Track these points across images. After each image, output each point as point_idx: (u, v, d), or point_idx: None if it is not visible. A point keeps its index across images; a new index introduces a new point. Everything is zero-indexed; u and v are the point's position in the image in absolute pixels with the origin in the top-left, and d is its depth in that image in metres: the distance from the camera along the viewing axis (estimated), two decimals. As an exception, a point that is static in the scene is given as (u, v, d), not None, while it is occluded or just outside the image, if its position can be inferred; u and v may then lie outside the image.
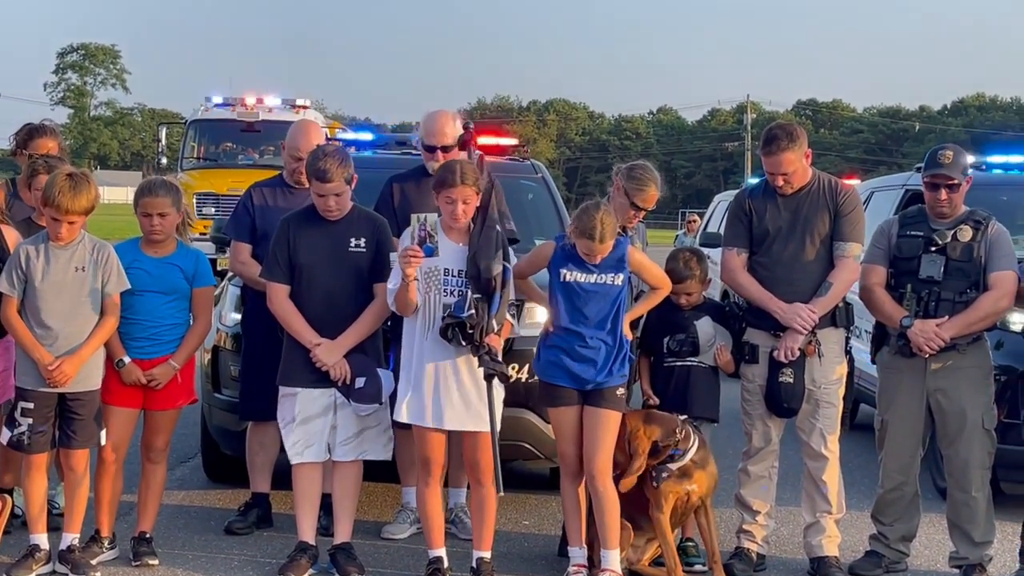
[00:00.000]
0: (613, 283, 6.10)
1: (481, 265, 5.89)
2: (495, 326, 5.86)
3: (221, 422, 7.71)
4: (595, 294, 6.08)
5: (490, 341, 5.84)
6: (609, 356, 6.08)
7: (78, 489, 6.28)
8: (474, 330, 5.80)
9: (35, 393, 6.11)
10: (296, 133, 7.34)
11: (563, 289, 6.11)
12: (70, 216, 6.07)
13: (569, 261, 6.11)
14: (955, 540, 6.66)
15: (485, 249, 5.92)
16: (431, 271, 5.93)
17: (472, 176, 5.97)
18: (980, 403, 6.54)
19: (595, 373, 6.07)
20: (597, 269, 6.08)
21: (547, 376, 6.19)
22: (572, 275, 6.09)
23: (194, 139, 23.72)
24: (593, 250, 6.01)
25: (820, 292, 6.45)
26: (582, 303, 6.08)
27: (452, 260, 5.95)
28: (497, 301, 5.89)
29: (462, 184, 5.93)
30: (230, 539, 7.00)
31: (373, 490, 7.84)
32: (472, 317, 5.80)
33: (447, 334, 5.84)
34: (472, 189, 5.96)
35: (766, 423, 6.63)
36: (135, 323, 6.32)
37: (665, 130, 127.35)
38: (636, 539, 6.42)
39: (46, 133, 7.61)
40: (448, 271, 5.95)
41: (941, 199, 6.53)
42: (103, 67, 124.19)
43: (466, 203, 5.96)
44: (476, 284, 5.89)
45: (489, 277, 5.88)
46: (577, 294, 6.09)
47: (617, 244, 6.12)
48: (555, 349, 6.13)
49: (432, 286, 5.95)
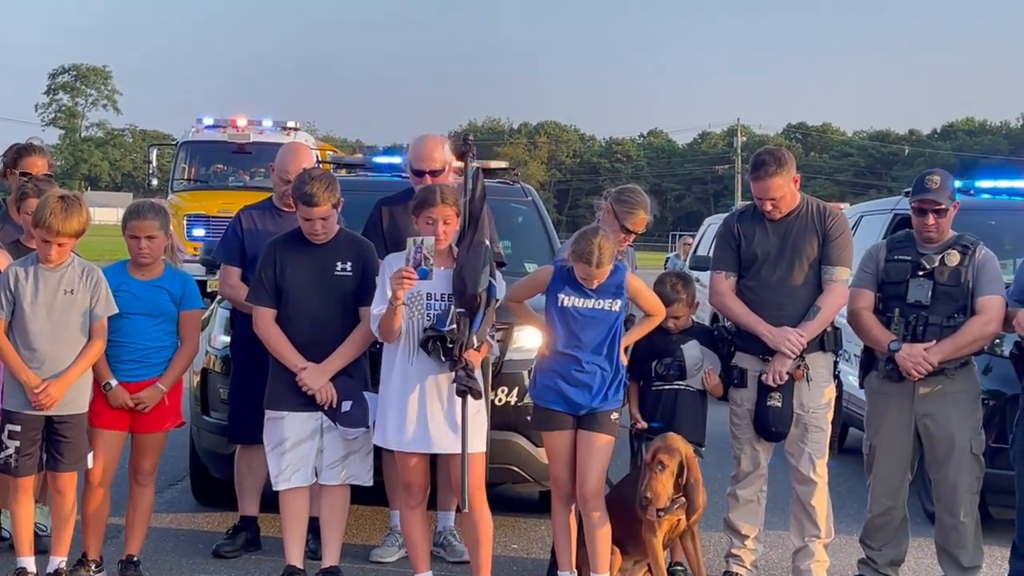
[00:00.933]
0: (611, 309, 6.10)
1: (468, 280, 5.87)
2: (475, 342, 5.85)
3: (210, 445, 7.69)
4: (592, 319, 6.08)
5: (469, 357, 5.83)
6: (604, 381, 6.08)
7: (65, 512, 6.26)
8: (454, 345, 5.78)
9: (22, 416, 6.09)
10: (285, 156, 7.34)
11: (560, 314, 6.11)
12: (61, 238, 6.07)
13: (567, 285, 6.11)
14: (943, 565, 6.66)
15: (472, 264, 5.89)
16: (414, 296, 5.90)
17: (452, 197, 5.96)
18: (968, 428, 6.55)
19: (590, 398, 6.07)
20: (595, 294, 6.08)
21: (542, 400, 6.18)
22: (570, 300, 6.09)
23: (185, 160, 23.69)
24: (590, 275, 6.01)
25: (808, 316, 6.46)
26: (579, 328, 6.08)
27: (435, 285, 5.92)
28: (480, 318, 5.87)
29: (442, 203, 5.91)
30: (218, 562, 6.98)
31: (361, 513, 7.82)
32: (453, 332, 5.79)
33: (427, 347, 5.82)
34: (452, 209, 5.94)
35: (754, 447, 6.63)
36: (122, 346, 6.31)
37: (656, 153, 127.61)
38: (624, 563, 6.40)
39: (34, 152, 7.63)
40: (431, 295, 5.92)
41: (929, 224, 6.55)
42: (94, 88, 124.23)
43: (447, 223, 5.93)
44: (461, 299, 5.87)
45: (474, 293, 5.86)
46: (574, 319, 6.08)
47: (616, 270, 6.13)
48: (551, 373, 6.12)
49: (416, 311, 5.92)
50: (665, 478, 6.10)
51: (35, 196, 6.76)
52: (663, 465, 6.10)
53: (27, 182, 7.05)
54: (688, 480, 6.14)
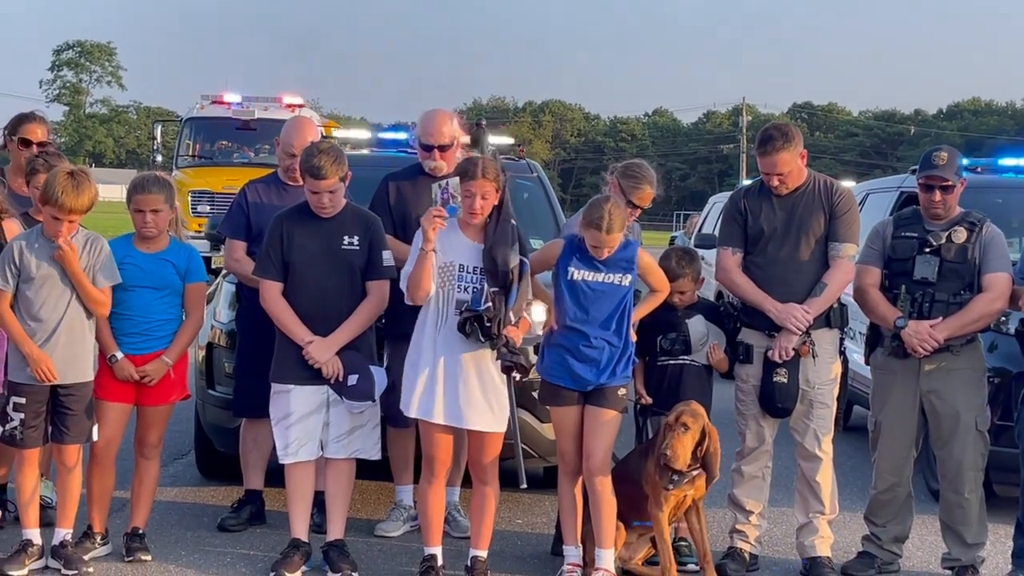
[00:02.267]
0: (621, 283, 6.08)
1: (498, 258, 5.86)
2: (512, 318, 5.84)
3: (215, 419, 7.71)
4: (602, 293, 6.06)
5: (508, 333, 5.81)
6: (612, 357, 6.06)
7: (70, 484, 6.27)
8: (492, 323, 5.77)
9: (27, 388, 6.10)
10: (290, 130, 7.32)
11: (570, 287, 6.09)
12: (72, 215, 6.07)
13: (577, 259, 6.08)
14: (948, 541, 6.67)
15: (501, 242, 5.89)
16: (446, 266, 5.91)
17: (493, 172, 5.93)
18: (974, 405, 6.55)
19: (597, 374, 6.05)
20: (605, 268, 6.06)
21: (549, 376, 6.16)
22: (580, 273, 6.07)
23: (189, 137, 23.68)
24: (600, 241, 5.98)
25: (815, 292, 6.45)
26: (588, 302, 6.06)
27: (467, 256, 5.93)
28: (514, 293, 5.87)
29: (483, 178, 5.89)
30: (223, 536, 6.99)
31: (366, 488, 7.83)
32: (489, 310, 5.78)
33: (465, 328, 5.80)
34: (492, 185, 5.92)
35: (760, 423, 6.63)
36: (127, 319, 6.32)
37: (660, 132, 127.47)
38: (628, 536, 6.41)
39: (33, 119, 7.63)
40: (463, 267, 5.92)
41: (935, 200, 6.54)
42: (99, 64, 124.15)
43: (484, 198, 5.90)
44: (493, 277, 5.86)
45: (506, 270, 5.86)
46: (584, 292, 6.06)
47: (627, 245, 6.11)
48: (559, 348, 6.10)
49: (446, 281, 5.92)
50: (687, 440, 6.11)
51: (45, 171, 6.75)
52: (686, 427, 6.11)
53: (37, 156, 7.04)
54: (708, 449, 6.15)
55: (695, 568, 6.51)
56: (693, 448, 6.13)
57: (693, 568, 6.53)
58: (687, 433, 6.10)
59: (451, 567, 6.27)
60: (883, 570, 6.74)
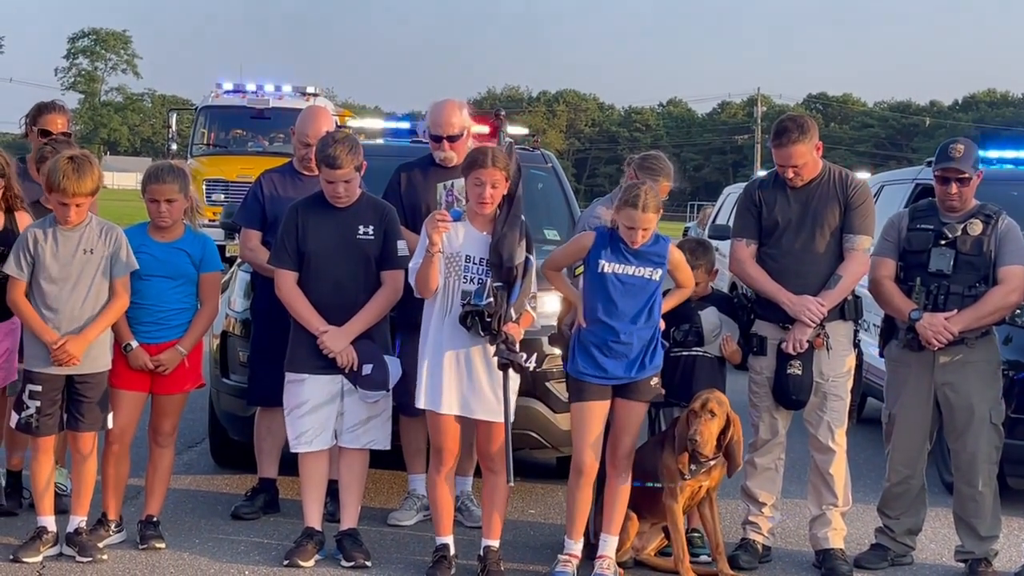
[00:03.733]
0: (651, 278, 6.04)
1: (504, 253, 5.85)
2: (513, 315, 5.83)
3: (229, 407, 7.72)
4: (632, 287, 6.02)
5: (508, 330, 5.80)
6: (642, 351, 6.03)
7: (85, 472, 6.29)
8: (492, 318, 5.77)
9: (43, 376, 6.12)
10: (306, 119, 7.33)
11: (599, 280, 6.05)
12: (77, 199, 6.08)
13: (608, 251, 6.05)
14: (961, 534, 6.66)
15: (509, 237, 5.88)
16: (453, 256, 5.92)
17: (503, 161, 5.92)
18: (988, 397, 6.53)
19: (628, 368, 6.03)
20: (636, 261, 6.03)
21: (578, 372, 6.08)
22: (610, 266, 6.04)
23: (204, 125, 23.74)
24: (635, 220, 5.94)
25: (829, 285, 6.43)
26: (618, 296, 6.01)
27: (475, 247, 5.93)
28: (517, 290, 5.86)
29: (492, 167, 5.89)
30: (237, 524, 7.01)
31: (380, 477, 7.85)
32: (491, 305, 5.77)
33: (466, 322, 5.80)
34: (502, 174, 5.91)
35: (773, 415, 6.62)
36: (142, 308, 6.33)
37: (675, 122, 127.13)
38: (640, 526, 6.42)
39: (55, 109, 7.64)
40: (470, 258, 5.92)
41: (951, 193, 6.52)
42: (114, 52, 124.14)
43: (494, 187, 5.90)
44: (497, 272, 5.86)
45: (511, 265, 5.85)
46: (614, 285, 6.02)
47: (658, 239, 6.09)
48: (588, 344, 6.05)
49: (452, 272, 5.92)
50: (713, 427, 6.13)
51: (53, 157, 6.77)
52: (713, 413, 6.13)
53: (45, 143, 7.06)
54: (732, 438, 6.16)
55: (707, 559, 6.51)
56: (718, 436, 6.14)
57: (706, 559, 6.53)
58: (714, 420, 6.12)
59: (464, 556, 6.28)
60: (896, 562, 6.73)
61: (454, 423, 6.03)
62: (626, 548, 6.37)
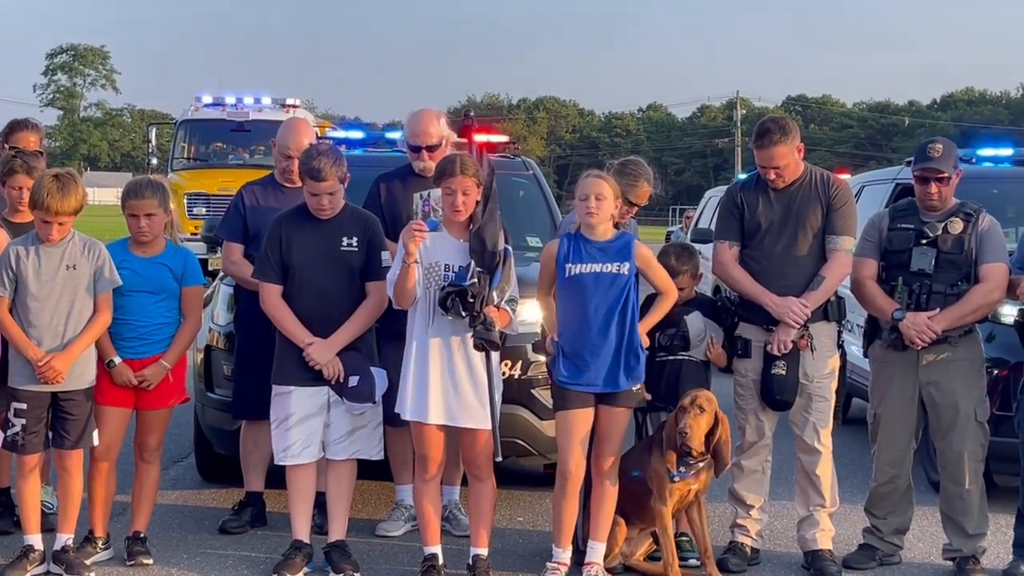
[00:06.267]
0: (619, 272, 6.05)
1: (487, 238, 5.86)
2: (495, 298, 5.83)
3: (214, 421, 7.70)
4: (602, 284, 6.03)
5: (489, 312, 5.80)
6: (620, 355, 6.03)
7: (71, 489, 6.27)
8: (475, 299, 5.76)
9: (28, 393, 6.10)
10: (286, 132, 7.32)
11: (568, 285, 6.06)
12: (60, 217, 6.07)
13: (572, 254, 6.07)
14: (948, 532, 6.68)
15: (491, 225, 5.90)
16: (432, 266, 5.91)
17: (472, 167, 5.93)
18: (972, 395, 6.55)
19: (608, 375, 6.03)
20: (602, 257, 6.04)
21: (561, 380, 6.10)
22: (577, 268, 6.05)
23: (184, 139, 23.70)
24: (586, 188, 6.00)
25: (812, 286, 6.45)
26: (589, 295, 6.02)
27: (452, 256, 5.93)
28: (499, 275, 5.87)
29: (462, 174, 5.89)
30: (224, 538, 7.00)
31: (367, 488, 7.84)
32: (474, 286, 5.77)
33: (446, 303, 5.79)
34: (472, 180, 5.92)
35: (759, 417, 6.63)
36: (124, 323, 6.31)
37: (655, 127, 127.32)
38: (628, 532, 6.42)
39: (27, 127, 7.65)
40: (448, 267, 5.92)
41: (931, 192, 6.54)
42: (92, 68, 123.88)
43: (466, 194, 5.91)
44: (480, 258, 5.86)
45: (494, 251, 5.86)
46: (584, 286, 6.03)
47: (621, 234, 6.12)
48: (568, 353, 6.06)
49: (432, 281, 5.92)
50: (703, 422, 6.13)
51: (23, 172, 6.78)
52: (702, 408, 6.14)
53: (15, 156, 7.04)
54: (720, 437, 6.16)
55: (696, 563, 6.51)
56: (706, 434, 6.14)
57: (694, 563, 6.53)
58: (703, 415, 6.13)
59: (453, 566, 6.27)
60: (884, 562, 6.75)
61: (438, 432, 6.02)
62: (615, 554, 6.37)
